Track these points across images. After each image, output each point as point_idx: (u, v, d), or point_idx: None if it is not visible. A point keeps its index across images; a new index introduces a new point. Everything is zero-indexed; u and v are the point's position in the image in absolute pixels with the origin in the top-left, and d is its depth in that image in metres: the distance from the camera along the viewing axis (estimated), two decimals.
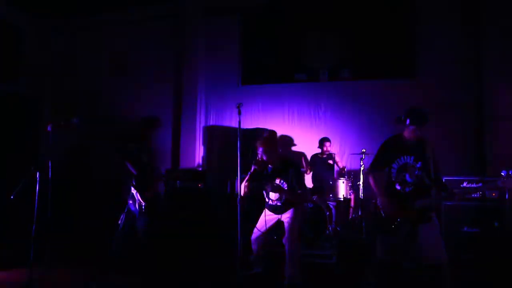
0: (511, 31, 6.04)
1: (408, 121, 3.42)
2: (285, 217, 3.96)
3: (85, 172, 7.33)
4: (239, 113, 3.62)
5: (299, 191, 3.89)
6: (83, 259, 5.05)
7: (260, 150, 3.99)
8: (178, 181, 6.39)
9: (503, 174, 3.07)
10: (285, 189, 3.92)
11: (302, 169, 6.74)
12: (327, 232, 5.49)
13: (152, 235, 4.71)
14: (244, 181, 3.98)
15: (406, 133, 3.50)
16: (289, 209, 3.97)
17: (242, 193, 3.87)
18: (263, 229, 4.06)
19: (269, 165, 4.06)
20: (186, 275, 4.49)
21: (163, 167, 6.82)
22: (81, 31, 8.17)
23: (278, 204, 4.00)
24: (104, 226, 6.09)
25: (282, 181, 3.96)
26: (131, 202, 4.29)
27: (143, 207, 4.16)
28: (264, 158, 3.98)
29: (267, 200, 4.13)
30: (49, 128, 3.95)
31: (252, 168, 4.00)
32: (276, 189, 3.92)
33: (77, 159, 7.45)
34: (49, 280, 4.17)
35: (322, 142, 6.51)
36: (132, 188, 4.26)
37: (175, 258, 5.11)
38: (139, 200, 4.19)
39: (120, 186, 6.56)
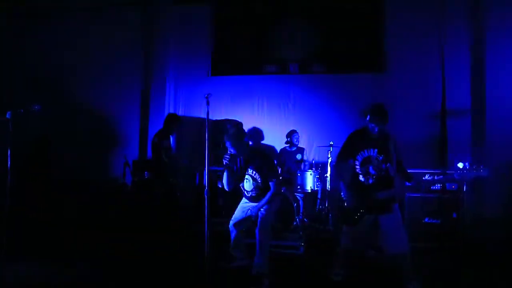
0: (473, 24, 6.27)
1: (368, 118, 3.53)
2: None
3: (46, 163, 7.07)
4: (208, 103, 3.59)
5: (272, 181, 3.94)
6: (42, 252, 4.88)
7: (228, 144, 3.99)
8: (145, 172, 6.30)
9: (460, 166, 3.21)
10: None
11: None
12: (295, 223, 5.56)
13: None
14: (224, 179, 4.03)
15: (369, 128, 3.59)
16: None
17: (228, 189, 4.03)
18: (239, 215, 4.15)
19: (240, 157, 4.09)
20: (154, 269, 4.43)
21: (130, 158, 6.69)
22: (43, 17, 7.74)
23: (253, 194, 4.08)
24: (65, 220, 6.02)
25: (254, 172, 4.01)
26: None
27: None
28: (233, 151, 3.99)
29: (243, 191, 4.19)
30: (8, 116, 3.78)
31: (224, 163, 3.99)
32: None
33: (39, 149, 7.17)
34: (7, 273, 4.02)
35: (290, 134, 6.56)
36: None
37: (144, 251, 5.03)
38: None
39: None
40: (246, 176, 4.08)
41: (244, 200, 4.26)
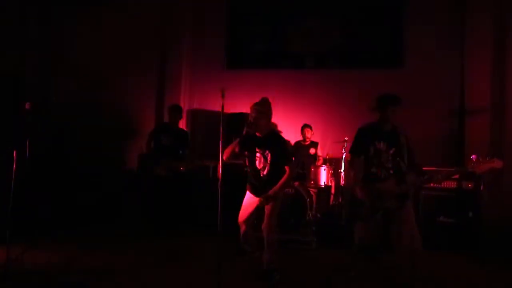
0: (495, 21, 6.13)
1: (382, 103, 3.57)
2: None
3: (62, 155, 7.19)
4: (223, 97, 3.60)
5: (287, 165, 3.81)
6: (59, 239, 5.02)
7: (254, 111, 3.90)
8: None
9: (472, 158, 3.16)
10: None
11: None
12: (308, 218, 5.55)
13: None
14: (232, 145, 3.88)
15: (381, 119, 3.63)
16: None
17: (224, 157, 3.72)
18: (246, 210, 4.01)
19: (258, 134, 3.94)
20: (165, 262, 4.49)
21: None
22: (58, 14, 7.79)
23: (265, 174, 3.89)
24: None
25: (267, 152, 3.87)
26: None
27: None
28: (256, 121, 3.87)
29: (252, 171, 4.01)
30: (27, 106, 3.86)
31: (244, 131, 3.85)
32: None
33: (56, 139, 7.30)
34: (26, 259, 4.11)
35: (303, 129, 6.53)
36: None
37: (156, 244, 5.09)
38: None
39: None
40: (257, 155, 3.93)
41: (249, 194, 4.06)
